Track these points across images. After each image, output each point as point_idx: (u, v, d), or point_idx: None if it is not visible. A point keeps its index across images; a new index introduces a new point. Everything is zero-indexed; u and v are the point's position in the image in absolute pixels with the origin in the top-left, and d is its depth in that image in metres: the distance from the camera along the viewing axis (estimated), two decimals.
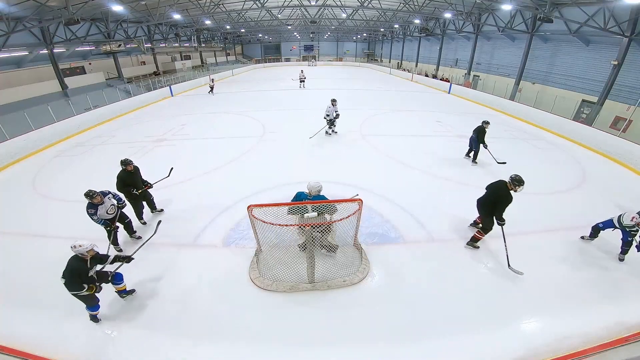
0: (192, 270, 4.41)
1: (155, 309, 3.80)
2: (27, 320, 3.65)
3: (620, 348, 2.97)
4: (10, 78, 15.56)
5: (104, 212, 4.32)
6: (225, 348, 3.33)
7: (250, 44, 49.12)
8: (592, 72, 13.54)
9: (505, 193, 4.26)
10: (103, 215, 4.32)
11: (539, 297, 3.92)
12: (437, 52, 27.69)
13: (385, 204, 5.99)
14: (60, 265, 3.23)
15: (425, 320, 3.62)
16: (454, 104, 16.49)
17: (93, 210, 4.21)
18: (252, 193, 6.36)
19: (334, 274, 4.11)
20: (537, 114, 12.48)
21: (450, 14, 19.12)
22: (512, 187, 4.22)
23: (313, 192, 4.14)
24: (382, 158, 8.52)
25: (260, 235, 3.99)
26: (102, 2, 14.33)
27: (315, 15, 28.69)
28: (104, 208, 4.31)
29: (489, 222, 4.54)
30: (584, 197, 6.53)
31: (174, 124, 12.52)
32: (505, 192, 4.26)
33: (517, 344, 3.30)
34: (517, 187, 4.18)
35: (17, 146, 9.16)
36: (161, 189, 6.83)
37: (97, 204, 4.22)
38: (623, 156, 8.48)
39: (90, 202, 4.20)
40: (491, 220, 4.47)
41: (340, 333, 3.47)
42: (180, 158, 8.75)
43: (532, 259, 4.59)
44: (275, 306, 3.81)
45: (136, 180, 5.30)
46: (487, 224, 4.59)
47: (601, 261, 4.56)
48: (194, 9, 21.06)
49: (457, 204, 6.04)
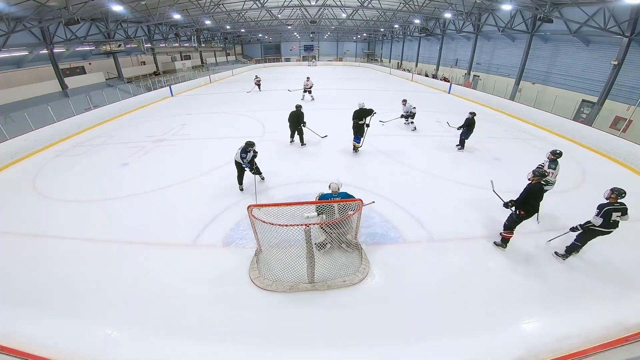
0: (192, 270, 4.41)
1: (155, 308, 3.80)
2: (27, 320, 3.64)
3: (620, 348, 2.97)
4: (10, 78, 15.57)
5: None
6: (225, 348, 3.32)
7: (250, 44, 49.13)
8: (592, 72, 13.54)
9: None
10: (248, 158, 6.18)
11: (539, 297, 3.92)
12: (437, 52, 27.70)
13: (385, 203, 5.99)
14: (60, 265, 3.23)
15: (425, 321, 3.62)
16: (454, 104, 16.48)
17: (244, 154, 6.09)
18: (252, 193, 6.35)
19: (334, 274, 4.11)
20: (537, 114, 12.48)
21: (450, 14, 19.12)
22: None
23: (335, 191, 4.58)
24: (382, 158, 8.52)
25: (260, 235, 3.99)
26: (102, 2, 14.31)
27: (315, 15, 28.69)
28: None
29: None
30: (583, 197, 6.52)
31: (174, 124, 12.52)
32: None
33: (517, 344, 3.30)
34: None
35: (17, 146, 9.16)
36: (161, 188, 6.86)
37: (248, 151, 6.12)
38: (623, 156, 8.48)
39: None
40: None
41: (340, 333, 3.47)
42: (180, 158, 8.77)
43: (532, 259, 4.59)
44: (275, 306, 3.81)
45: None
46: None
47: (600, 261, 4.56)
48: (194, 9, 21.06)
49: (457, 203, 6.04)
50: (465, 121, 8.58)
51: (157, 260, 4.63)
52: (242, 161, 6.14)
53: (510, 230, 4.60)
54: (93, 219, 5.74)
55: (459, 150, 8.95)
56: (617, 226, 4.07)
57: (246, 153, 6.11)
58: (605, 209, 3.99)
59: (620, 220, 4.02)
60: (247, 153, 6.13)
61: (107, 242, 5.07)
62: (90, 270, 4.45)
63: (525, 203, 4.28)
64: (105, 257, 4.74)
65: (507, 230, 4.62)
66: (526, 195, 4.26)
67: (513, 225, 4.55)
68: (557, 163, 5.43)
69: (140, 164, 8.44)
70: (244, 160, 6.13)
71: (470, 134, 8.65)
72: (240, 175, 6.57)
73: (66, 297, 3.99)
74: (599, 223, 4.01)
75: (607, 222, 3.99)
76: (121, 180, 7.40)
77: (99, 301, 3.91)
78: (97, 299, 3.95)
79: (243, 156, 6.08)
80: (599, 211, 4.02)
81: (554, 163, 5.41)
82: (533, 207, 4.30)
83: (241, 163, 6.21)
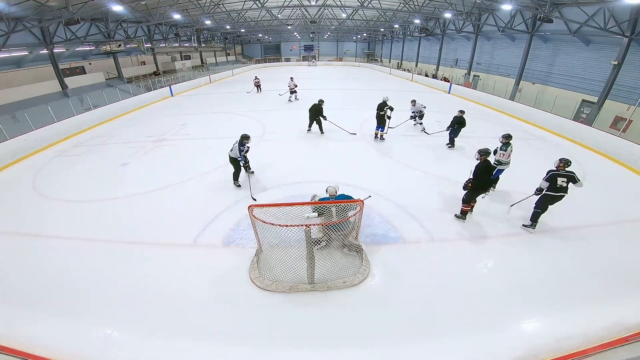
0: (192, 270, 4.41)
1: (155, 308, 3.79)
2: (27, 320, 3.64)
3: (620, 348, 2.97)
4: (10, 78, 15.57)
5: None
6: (225, 348, 3.32)
7: (250, 44, 49.12)
8: (592, 72, 13.54)
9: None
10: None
11: (539, 297, 3.92)
12: (437, 52, 27.69)
13: (385, 203, 5.99)
14: (60, 265, 3.23)
15: (425, 321, 3.62)
16: (454, 104, 16.46)
17: (242, 147, 6.25)
18: (252, 193, 6.35)
19: (334, 275, 4.10)
20: (537, 114, 12.47)
21: (450, 14, 19.12)
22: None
23: (333, 194, 4.53)
24: (382, 158, 8.53)
25: (260, 235, 3.99)
26: (102, 2, 14.32)
27: (315, 15, 28.68)
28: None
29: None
30: (583, 197, 6.52)
31: (174, 124, 12.52)
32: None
33: (517, 344, 3.30)
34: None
35: (17, 146, 9.16)
36: (161, 188, 6.86)
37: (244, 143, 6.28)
38: (623, 156, 8.48)
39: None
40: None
41: (340, 333, 3.46)
42: (180, 158, 8.77)
43: (532, 259, 4.59)
44: (275, 306, 3.81)
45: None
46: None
47: (601, 261, 4.56)
48: (194, 9, 21.06)
49: (457, 203, 6.03)
50: (452, 120, 8.73)
51: (157, 260, 4.62)
52: (239, 155, 6.22)
53: (467, 204, 5.34)
54: (93, 218, 5.74)
55: (449, 149, 9.17)
56: (565, 191, 4.78)
57: (243, 146, 6.26)
58: (551, 173, 4.80)
59: (567, 186, 4.75)
60: (244, 146, 6.27)
61: (107, 242, 5.07)
62: (90, 270, 4.45)
63: (477, 179, 5.01)
64: (105, 257, 4.74)
65: (464, 204, 5.35)
66: (476, 172, 5.01)
67: (469, 199, 5.28)
68: (508, 145, 6.10)
69: (140, 164, 8.44)
70: (242, 154, 6.24)
71: (459, 132, 8.90)
72: (237, 172, 6.67)
73: (66, 297, 3.98)
74: (545, 186, 4.81)
75: (554, 186, 4.76)
76: (121, 180, 7.40)
77: (99, 301, 3.91)
78: (97, 299, 3.95)
79: (242, 149, 6.22)
80: (546, 175, 4.84)
81: (505, 146, 6.11)
82: (485, 181, 5.07)
83: (237, 158, 6.29)
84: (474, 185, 5.04)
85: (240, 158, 6.31)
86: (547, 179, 4.78)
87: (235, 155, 6.31)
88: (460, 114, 8.66)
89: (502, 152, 6.13)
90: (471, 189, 5.09)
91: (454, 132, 8.89)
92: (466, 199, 5.27)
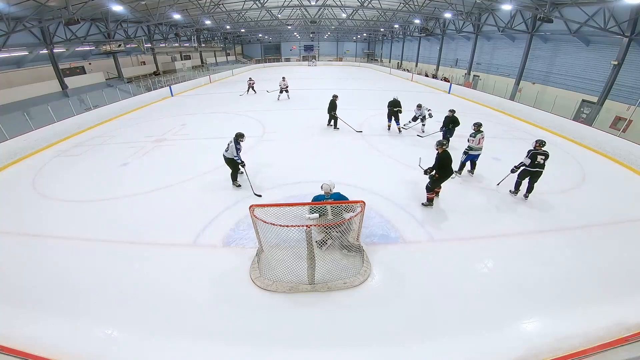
0: (192, 270, 4.40)
1: (155, 308, 3.79)
2: (27, 320, 3.64)
3: (620, 348, 2.97)
4: (11, 78, 15.57)
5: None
6: (225, 348, 3.32)
7: (250, 44, 49.11)
8: (592, 72, 13.55)
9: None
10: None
11: (539, 297, 3.92)
12: (437, 52, 27.70)
13: (385, 203, 5.99)
14: (59, 265, 3.23)
15: (425, 321, 3.61)
16: (454, 104, 16.45)
17: (239, 146, 6.31)
18: (252, 193, 6.35)
19: (335, 275, 4.09)
20: (537, 114, 12.48)
21: (450, 14, 19.13)
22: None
23: (328, 192, 4.52)
24: (383, 158, 8.53)
25: (261, 235, 3.99)
26: (102, 2, 14.32)
27: (315, 15, 28.70)
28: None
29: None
30: (583, 197, 6.53)
31: (173, 124, 12.52)
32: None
33: (517, 344, 3.30)
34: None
35: (17, 146, 9.16)
36: (161, 188, 6.86)
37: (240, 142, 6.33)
38: (623, 156, 8.48)
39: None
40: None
41: (340, 334, 3.46)
42: (180, 158, 8.77)
43: (532, 258, 4.59)
44: (275, 306, 3.80)
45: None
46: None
47: (601, 261, 4.56)
48: (194, 9, 21.07)
49: (457, 203, 6.04)
50: (444, 120, 8.64)
51: (157, 260, 4.62)
52: (236, 154, 6.23)
53: (431, 192, 5.77)
54: (93, 218, 5.74)
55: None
56: (542, 167, 5.71)
57: (239, 144, 6.30)
58: (532, 152, 5.70)
59: (544, 163, 5.68)
60: (240, 144, 6.32)
61: (107, 242, 5.07)
62: (90, 270, 4.44)
63: (439, 168, 5.42)
64: (105, 257, 4.74)
65: (429, 192, 5.76)
66: (438, 162, 5.41)
67: (433, 187, 5.72)
68: (478, 132, 6.59)
69: (140, 164, 8.44)
70: (238, 153, 6.27)
71: (454, 131, 8.76)
72: (235, 172, 6.65)
73: (66, 297, 3.98)
74: (528, 162, 5.71)
75: (533, 162, 5.68)
76: (121, 180, 7.40)
77: (99, 301, 3.91)
78: (97, 299, 3.95)
79: (238, 147, 6.26)
80: (528, 154, 5.74)
81: (475, 133, 6.61)
82: (447, 170, 5.46)
83: (233, 158, 6.29)
84: (440, 175, 5.48)
85: (237, 157, 6.29)
86: (529, 157, 5.69)
87: (232, 155, 6.27)
88: (450, 114, 8.58)
89: (471, 138, 6.61)
90: (437, 178, 5.55)
91: (449, 132, 8.76)
92: (431, 187, 5.73)
